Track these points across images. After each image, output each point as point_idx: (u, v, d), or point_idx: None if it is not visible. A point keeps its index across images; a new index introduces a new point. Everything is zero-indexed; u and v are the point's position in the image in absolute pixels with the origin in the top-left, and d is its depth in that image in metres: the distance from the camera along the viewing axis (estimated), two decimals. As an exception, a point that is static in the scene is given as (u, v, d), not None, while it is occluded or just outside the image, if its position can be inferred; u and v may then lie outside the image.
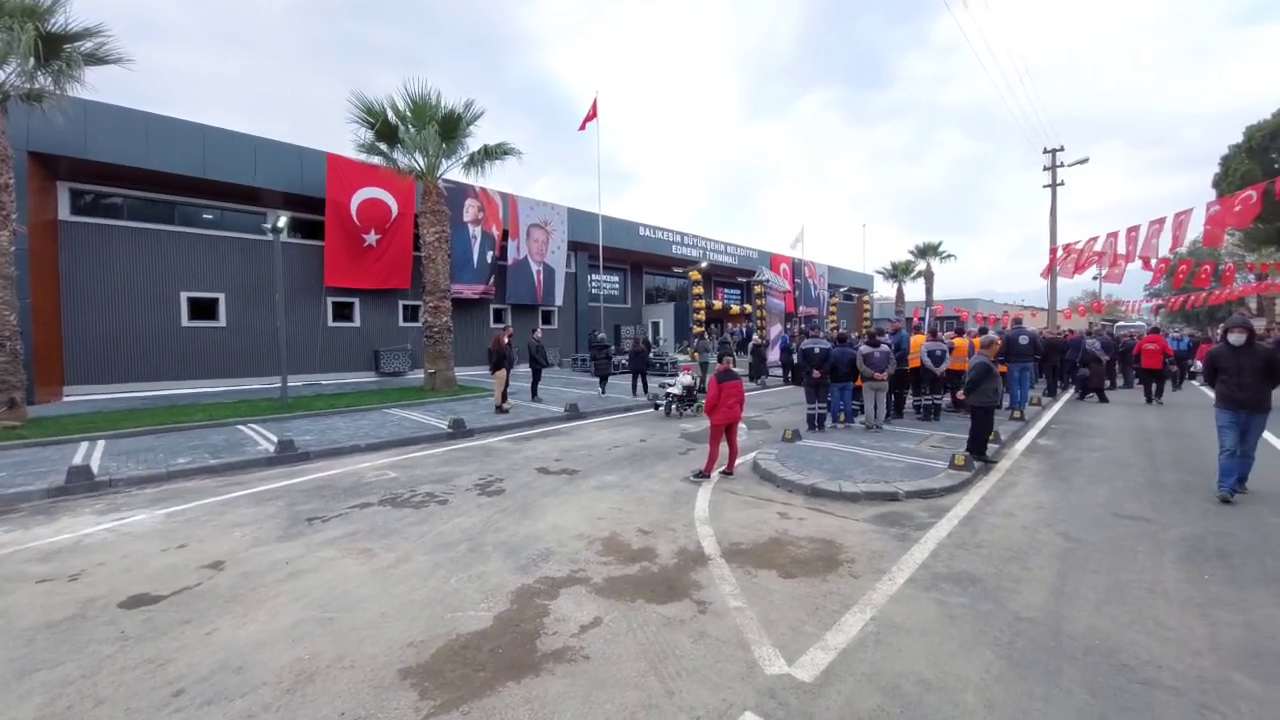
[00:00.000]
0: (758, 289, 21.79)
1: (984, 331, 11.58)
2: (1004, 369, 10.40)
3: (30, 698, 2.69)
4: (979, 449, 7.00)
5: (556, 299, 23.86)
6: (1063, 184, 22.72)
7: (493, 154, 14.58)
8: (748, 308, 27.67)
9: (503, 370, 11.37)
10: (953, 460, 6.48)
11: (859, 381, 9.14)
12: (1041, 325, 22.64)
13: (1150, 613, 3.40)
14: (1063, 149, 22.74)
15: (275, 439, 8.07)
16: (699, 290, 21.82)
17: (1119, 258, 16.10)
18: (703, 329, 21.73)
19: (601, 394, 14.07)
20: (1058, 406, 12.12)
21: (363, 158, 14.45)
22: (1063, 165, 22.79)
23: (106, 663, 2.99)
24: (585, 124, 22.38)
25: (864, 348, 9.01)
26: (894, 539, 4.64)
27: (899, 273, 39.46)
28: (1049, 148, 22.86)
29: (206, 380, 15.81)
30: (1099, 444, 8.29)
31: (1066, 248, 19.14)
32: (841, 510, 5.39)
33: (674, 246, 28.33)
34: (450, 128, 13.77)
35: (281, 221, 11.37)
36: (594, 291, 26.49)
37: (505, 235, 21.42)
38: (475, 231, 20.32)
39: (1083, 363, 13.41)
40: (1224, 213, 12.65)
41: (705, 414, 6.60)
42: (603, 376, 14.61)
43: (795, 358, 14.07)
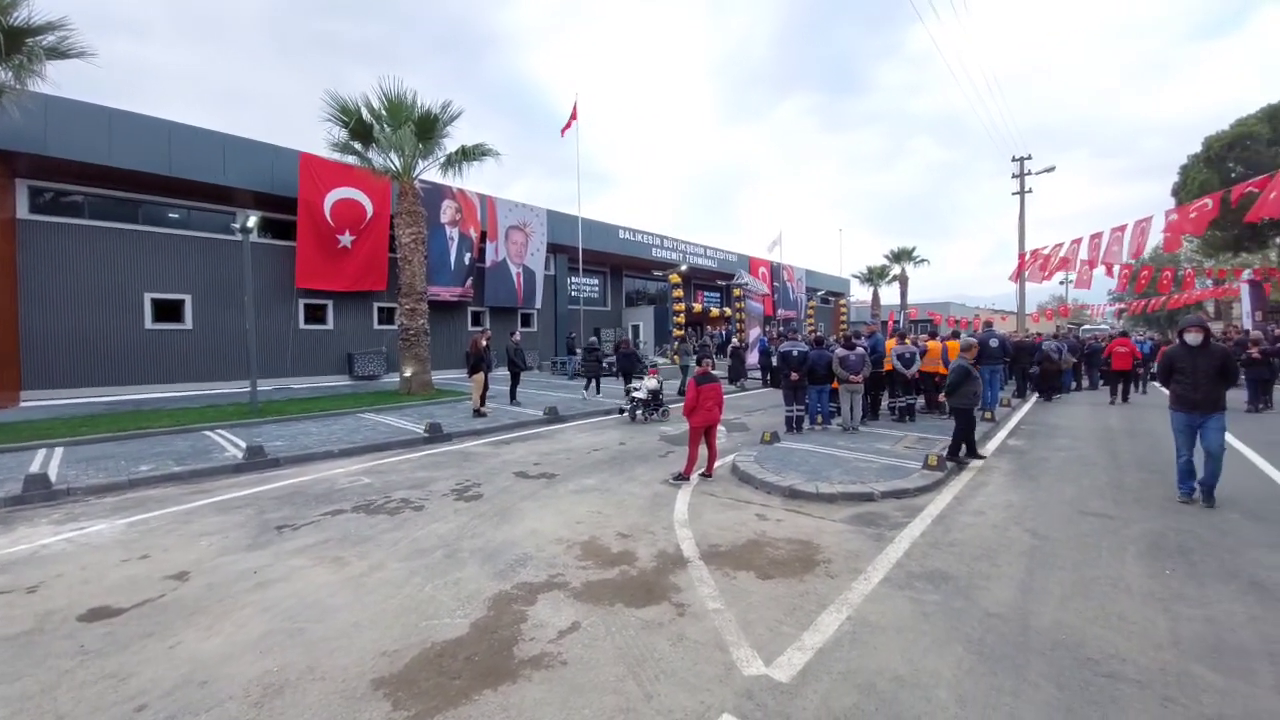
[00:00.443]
0: (737, 292, 21.96)
1: (956, 335, 11.85)
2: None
3: (-22, 718, 2.57)
4: (970, 448, 7.14)
5: (536, 302, 23.72)
6: (1031, 191, 23.44)
7: (470, 155, 14.42)
8: (727, 311, 27.87)
9: (481, 373, 11.25)
10: (926, 460, 6.60)
11: (836, 384, 9.26)
12: (1011, 329, 23.26)
13: (1114, 607, 3.50)
14: (1030, 157, 23.44)
15: (244, 445, 7.86)
16: (679, 293, 21.89)
17: (1084, 263, 16.64)
18: (683, 332, 21.81)
19: (597, 394, 14.32)
20: (1026, 408, 12.44)
21: (337, 157, 14.16)
22: (1031, 173, 23.49)
23: (66, 677, 2.89)
24: (566, 129, 22.35)
25: (840, 350, 9.13)
26: (870, 539, 4.71)
27: (875, 277, 40.19)
28: (1017, 156, 23.53)
29: (172, 385, 15.32)
30: (1066, 444, 8.53)
31: (1035, 253, 19.72)
32: (819, 511, 5.45)
33: (654, 249, 28.39)
34: (427, 128, 13.61)
35: (251, 221, 11.09)
36: (573, 294, 26.40)
37: (483, 237, 21.24)
38: (453, 233, 20.10)
39: (1037, 361, 13.83)
40: (1181, 220, 13.16)
41: (684, 416, 6.61)
42: (594, 378, 14.92)
43: (774, 360, 14.22)
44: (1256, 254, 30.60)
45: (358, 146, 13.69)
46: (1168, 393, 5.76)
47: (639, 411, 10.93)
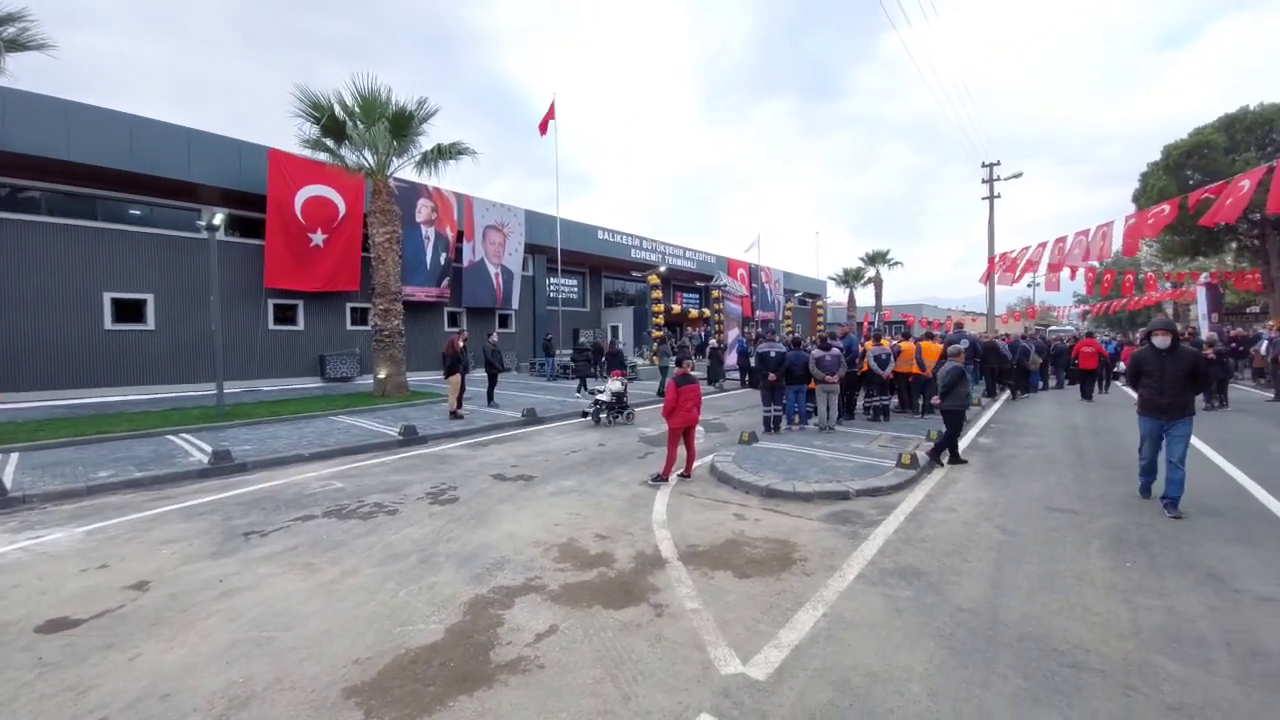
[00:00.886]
0: (715, 294, 22.08)
1: (930, 336, 12.09)
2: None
3: (-79, 738, 2.45)
4: (953, 453, 7.24)
5: (514, 302, 23.52)
6: (1000, 196, 24.05)
7: (447, 153, 14.21)
8: (706, 312, 28.01)
9: (457, 375, 11.11)
10: (900, 459, 6.72)
11: (812, 384, 9.37)
12: (981, 330, 23.83)
13: (1078, 600, 3.60)
14: (999, 163, 24.06)
15: (209, 449, 7.62)
16: (658, 294, 21.95)
17: (1050, 266, 17.16)
18: (662, 333, 21.85)
19: (589, 393, 14.29)
20: (996, 407, 12.75)
21: (308, 154, 13.87)
22: (1000, 179, 24.11)
23: (24, 690, 2.78)
24: (545, 125, 22.21)
25: (816, 351, 9.25)
26: (845, 536, 4.77)
27: (850, 279, 40.87)
28: (987, 162, 24.14)
29: (133, 387, 14.80)
30: (1033, 442, 8.76)
31: (1004, 256, 20.25)
32: (796, 510, 5.50)
33: (633, 250, 28.41)
34: (402, 125, 13.38)
35: (218, 219, 10.76)
36: (552, 295, 26.26)
37: (460, 237, 20.99)
38: (429, 232, 19.83)
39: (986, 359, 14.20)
40: (1139, 224, 13.64)
41: (664, 418, 6.62)
42: (583, 378, 15.31)
43: (752, 361, 14.35)
44: (1212, 258, 31.89)
45: (330, 143, 13.40)
46: (1135, 395, 5.66)
47: (603, 414, 10.63)
